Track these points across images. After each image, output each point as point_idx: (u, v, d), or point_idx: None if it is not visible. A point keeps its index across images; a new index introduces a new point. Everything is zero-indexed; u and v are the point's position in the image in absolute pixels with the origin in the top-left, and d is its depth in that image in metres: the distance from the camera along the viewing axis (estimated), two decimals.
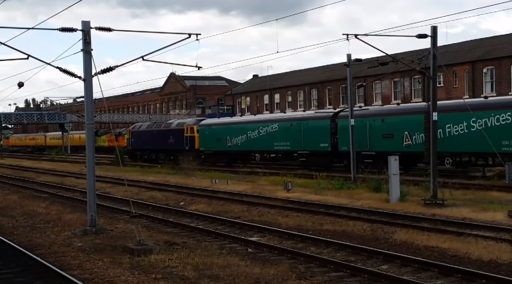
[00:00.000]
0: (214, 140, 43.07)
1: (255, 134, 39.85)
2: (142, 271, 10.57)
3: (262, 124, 39.94)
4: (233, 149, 41.92)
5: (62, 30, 14.72)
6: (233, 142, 41.55)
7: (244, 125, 41.68)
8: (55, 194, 25.73)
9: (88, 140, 15.25)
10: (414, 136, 29.66)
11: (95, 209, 15.19)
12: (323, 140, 34.55)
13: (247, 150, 41.46)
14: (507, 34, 51.49)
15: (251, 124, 41.02)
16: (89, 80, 14.97)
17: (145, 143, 51.02)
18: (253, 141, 40.02)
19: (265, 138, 39.00)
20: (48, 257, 11.89)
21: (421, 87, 51.38)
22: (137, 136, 52.78)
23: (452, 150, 27.86)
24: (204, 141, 43.92)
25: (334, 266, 10.91)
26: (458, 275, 10.03)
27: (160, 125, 50.87)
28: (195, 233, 15.08)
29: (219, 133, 43.02)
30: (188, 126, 45.40)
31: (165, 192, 25.40)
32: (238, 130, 41.50)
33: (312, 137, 35.02)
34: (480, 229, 14.16)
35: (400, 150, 29.42)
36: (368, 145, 31.72)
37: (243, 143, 40.90)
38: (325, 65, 71.07)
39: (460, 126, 27.71)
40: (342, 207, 18.61)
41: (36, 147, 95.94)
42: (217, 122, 45.35)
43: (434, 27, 19.62)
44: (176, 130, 46.55)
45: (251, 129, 40.30)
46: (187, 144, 44.68)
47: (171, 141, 46.52)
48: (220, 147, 42.66)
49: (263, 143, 39.23)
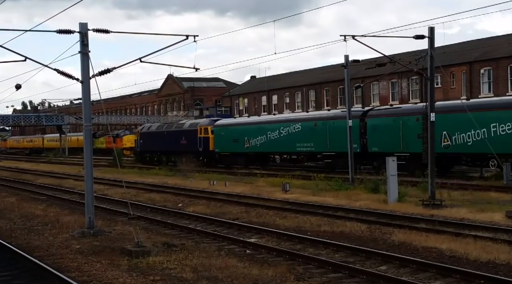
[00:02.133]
0: (230, 141, 41.28)
1: (276, 135, 38.05)
2: (140, 273, 10.56)
3: (284, 124, 38.06)
4: (251, 151, 40.14)
5: (60, 32, 14.72)
6: (252, 143, 39.79)
7: (264, 125, 39.73)
8: (53, 196, 25.69)
9: (86, 142, 15.23)
10: (454, 136, 27.62)
11: (93, 211, 15.18)
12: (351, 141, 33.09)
13: (267, 152, 39.74)
14: (504, 35, 51.57)
15: (271, 124, 39.14)
16: (86, 82, 14.96)
17: (154, 144, 49.26)
18: (273, 142, 38.25)
19: (287, 138, 37.15)
20: (46, 259, 11.87)
21: (418, 88, 51.43)
22: (146, 137, 51.00)
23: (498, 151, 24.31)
24: (220, 142, 42.17)
25: (333, 267, 10.91)
26: (456, 275, 10.04)
27: (171, 126, 49.35)
28: (193, 235, 15.07)
29: (236, 133, 41.22)
30: (202, 126, 43.63)
31: (163, 194, 25.39)
32: (257, 131, 39.64)
33: (338, 137, 32.39)
34: (478, 229, 14.17)
35: (438, 151, 27.29)
36: (402, 146, 29.86)
37: (262, 144, 39.16)
38: (322, 66, 71.19)
39: (508, 125, 25.59)
40: (340, 208, 18.61)
41: (34, 149, 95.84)
42: (234, 123, 43.63)
43: (431, 28, 19.65)
44: (188, 131, 44.86)
45: (271, 129, 38.43)
46: (200, 145, 43.10)
47: (183, 142, 44.94)
48: (237, 148, 40.91)
49: (284, 144, 37.39)
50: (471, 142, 26.96)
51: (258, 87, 73.23)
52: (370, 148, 31.80)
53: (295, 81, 68.30)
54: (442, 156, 27.20)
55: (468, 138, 27.15)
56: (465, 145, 27.31)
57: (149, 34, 19.13)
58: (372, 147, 31.56)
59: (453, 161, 29.51)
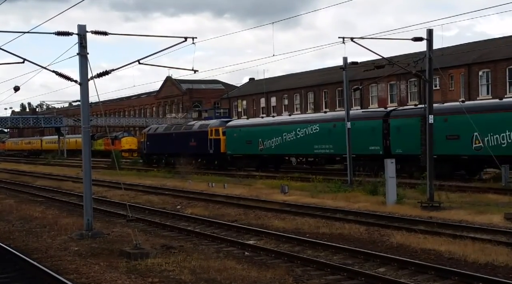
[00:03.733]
0: (243, 143, 39.92)
1: (292, 136, 36.56)
2: (138, 275, 10.55)
3: (300, 125, 36.43)
4: (265, 153, 38.72)
5: (58, 34, 14.71)
6: (266, 145, 38.35)
7: (279, 126, 38.09)
8: (51, 198, 25.66)
9: (85, 144, 15.23)
10: (486, 137, 26.02)
11: (92, 213, 15.16)
12: (373, 142, 31.33)
13: (282, 154, 38.32)
14: (502, 37, 51.74)
15: (288, 125, 37.46)
16: (85, 84, 14.96)
17: (162, 146, 47.89)
18: (289, 144, 36.71)
19: (304, 140, 35.68)
20: (44, 262, 11.85)
21: (417, 90, 51.50)
22: (153, 139, 49.76)
23: None
24: (232, 144, 40.80)
25: (331, 269, 10.90)
26: (455, 277, 10.04)
27: (180, 127, 47.99)
28: (192, 237, 15.06)
29: (249, 135, 39.69)
30: (212, 128, 42.31)
31: (162, 196, 25.38)
32: (272, 132, 38.11)
33: (360, 139, 30.95)
34: (477, 231, 14.18)
35: (469, 154, 26.33)
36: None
37: (277, 146, 37.66)
38: (321, 68, 71.23)
39: None
40: (339, 210, 18.61)
41: (32, 151, 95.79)
42: (248, 123, 42.29)
43: (430, 30, 19.67)
44: (198, 132, 43.54)
45: (287, 130, 36.77)
46: (211, 147, 41.88)
47: (192, 144, 43.68)
48: (250, 150, 39.55)
49: (301, 146, 35.89)
50: (506, 144, 25.58)
51: (256, 89, 73.30)
52: (393, 150, 30.25)
53: (294, 83, 68.38)
54: (473, 159, 26.34)
55: (502, 140, 25.79)
56: (499, 147, 25.76)
57: (148, 36, 19.33)
58: (395, 149, 30.02)
59: (484, 164, 27.83)
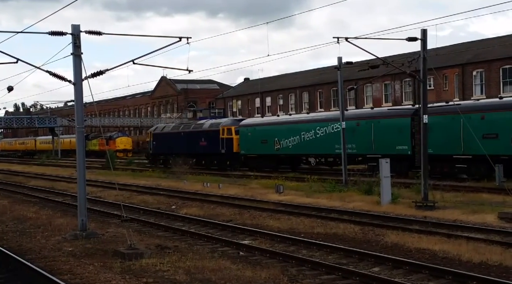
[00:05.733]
0: (258, 142, 38.36)
1: (311, 135, 34.91)
2: (133, 275, 10.52)
3: (320, 123, 34.61)
4: (282, 153, 37.08)
5: (52, 34, 14.67)
6: (283, 145, 36.74)
7: (297, 125, 36.29)
8: (45, 199, 25.58)
9: (79, 144, 15.19)
10: None
11: (86, 213, 15.12)
12: (400, 142, 29.62)
13: (300, 154, 36.51)
14: (495, 37, 51.95)
15: (306, 124, 35.62)
16: (79, 84, 14.92)
17: (170, 146, 46.15)
18: (308, 143, 34.99)
19: (324, 139, 33.90)
20: (38, 262, 11.82)
21: (411, 90, 51.63)
22: (160, 138, 48.11)
23: None
24: (246, 143, 39.24)
25: (326, 268, 10.90)
26: (449, 276, 10.06)
27: (188, 126, 46.31)
28: (186, 237, 15.04)
29: (265, 134, 38.12)
30: (224, 127, 40.72)
31: (156, 196, 25.33)
32: (290, 131, 36.44)
33: (386, 138, 29.80)
34: (471, 231, 14.23)
35: (509, 154, 25.05)
36: (463, 147, 26.77)
37: (295, 145, 36.04)
38: (315, 68, 71.32)
39: None
40: (334, 210, 18.63)
41: (26, 152, 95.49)
42: (263, 122, 40.67)
43: (424, 30, 19.71)
44: (209, 131, 41.88)
45: (306, 129, 34.86)
46: (223, 147, 40.26)
47: (202, 144, 42.20)
48: (266, 150, 37.97)
49: (320, 145, 34.02)
50: None
51: (251, 89, 73.31)
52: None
53: (289, 83, 68.44)
54: None
55: None
56: None
57: (142, 36, 19.35)
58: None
59: None
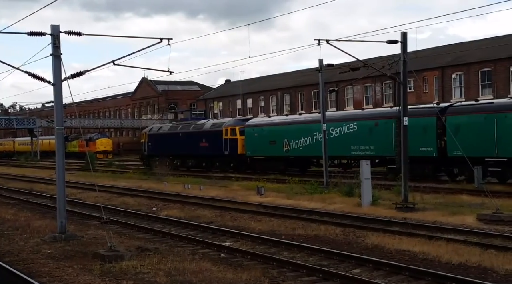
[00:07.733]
0: (266, 144, 36.45)
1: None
2: (113, 277, 10.44)
3: (335, 123, 32.40)
4: (292, 154, 35.16)
5: (31, 34, 14.52)
6: (292, 146, 34.85)
7: (309, 125, 34.18)
8: (24, 201, 25.30)
9: (58, 145, 15.04)
10: None
11: (65, 215, 14.98)
12: (425, 143, 27.62)
13: (312, 156, 34.26)
14: (474, 41, 52.63)
15: (319, 124, 33.04)
16: (58, 85, 14.78)
17: (167, 147, 44.05)
18: (321, 144, 32.10)
19: (338, 140, 32.03)
20: (16, 265, 11.68)
21: (392, 92, 52.02)
22: (156, 139, 46.09)
23: None
24: (252, 144, 37.41)
25: (307, 270, 10.92)
26: (428, 278, 10.14)
27: (188, 126, 43.54)
28: (167, 239, 14.97)
29: (273, 134, 36.20)
30: (228, 127, 38.85)
31: (137, 198, 25.19)
32: (300, 131, 34.48)
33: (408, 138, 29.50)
34: (450, 232, 14.35)
35: None
36: (496, 149, 24.83)
37: (306, 146, 34.03)
38: (296, 70, 71.57)
39: None
40: (315, 212, 18.68)
41: (5, 153, 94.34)
42: (271, 122, 38.60)
43: (404, 33, 19.86)
44: (211, 132, 40.09)
45: (318, 129, 31.20)
46: (226, 148, 38.45)
47: (203, 145, 40.37)
48: (274, 151, 36.09)
49: (334, 146, 31.33)
50: None
51: (232, 90, 73.29)
52: (450, 152, 26.40)
53: (270, 85, 68.57)
54: None
55: None
56: None
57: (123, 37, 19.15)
58: (453, 150, 25.69)
59: None
